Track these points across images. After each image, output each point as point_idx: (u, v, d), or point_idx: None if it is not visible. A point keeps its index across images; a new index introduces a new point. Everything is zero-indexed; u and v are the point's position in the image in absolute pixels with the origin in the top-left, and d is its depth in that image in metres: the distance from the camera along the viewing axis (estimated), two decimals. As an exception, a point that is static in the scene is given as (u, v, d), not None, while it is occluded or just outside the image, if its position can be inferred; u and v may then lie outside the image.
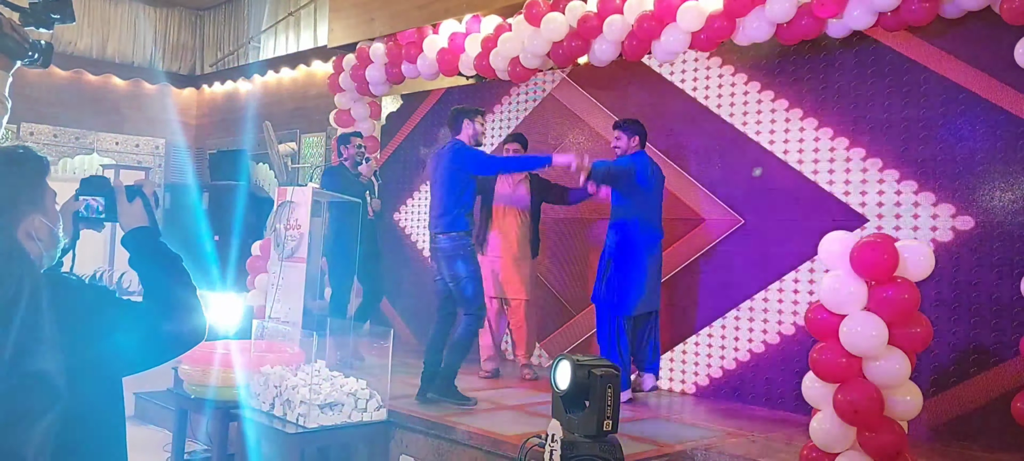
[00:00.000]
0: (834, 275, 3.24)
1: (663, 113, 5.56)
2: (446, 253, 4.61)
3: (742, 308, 5.15)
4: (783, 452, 3.85)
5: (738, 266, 5.18)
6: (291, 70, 9.29)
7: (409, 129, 7.39)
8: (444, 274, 4.67)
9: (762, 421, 4.62)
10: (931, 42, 4.45)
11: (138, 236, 1.78)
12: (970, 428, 4.21)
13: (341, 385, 4.09)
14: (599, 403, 3.13)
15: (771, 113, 5.08)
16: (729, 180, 5.27)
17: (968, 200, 4.32)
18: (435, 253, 4.71)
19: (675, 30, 4.70)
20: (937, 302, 4.32)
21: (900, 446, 3.15)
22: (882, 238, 3.22)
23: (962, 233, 4.33)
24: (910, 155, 4.52)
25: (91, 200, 1.78)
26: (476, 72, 5.95)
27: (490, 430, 4.03)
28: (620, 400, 3.06)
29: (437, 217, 4.67)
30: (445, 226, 4.62)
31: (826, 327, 3.22)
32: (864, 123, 4.70)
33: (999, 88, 4.23)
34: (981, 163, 4.30)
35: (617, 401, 3.08)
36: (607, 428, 3.13)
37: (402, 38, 6.35)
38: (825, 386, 3.23)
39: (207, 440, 5.24)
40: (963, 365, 4.26)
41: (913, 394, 3.17)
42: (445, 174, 4.66)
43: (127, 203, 1.79)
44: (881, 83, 4.64)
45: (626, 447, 3.50)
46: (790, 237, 4.93)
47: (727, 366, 5.20)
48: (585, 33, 5.07)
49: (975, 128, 4.33)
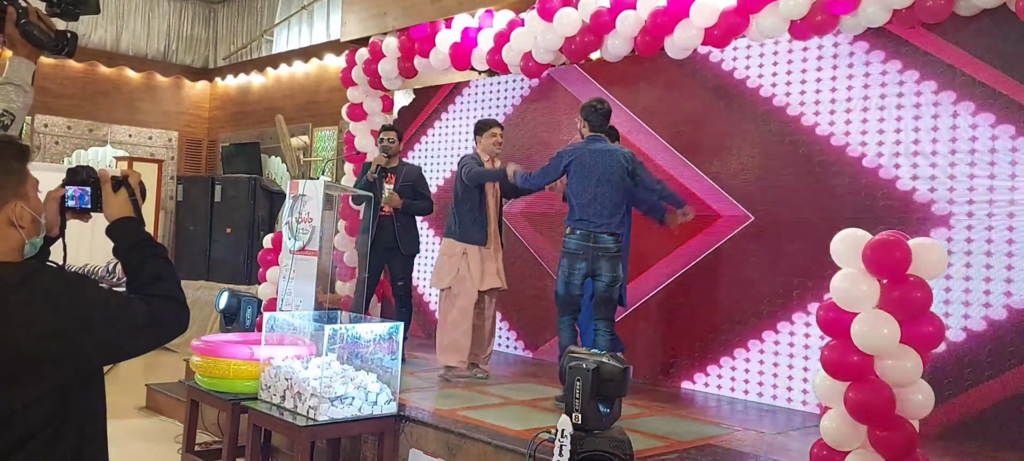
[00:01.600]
0: (846, 273, 3.22)
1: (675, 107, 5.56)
2: (612, 253, 4.59)
3: (754, 306, 5.14)
4: (794, 449, 3.84)
5: (752, 262, 5.17)
6: (304, 64, 9.32)
7: (420, 123, 7.40)
8: (603, 274, 4.59)
9: (772, 417, 4.62)
10: (946, 38, 4.42)
11: (122, 226, 1.79)
12: (982, 428, 4.19)
13: (351, 378, 4.10)
14: (568, 395, 3.16)
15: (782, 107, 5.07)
16: (741, 175, 5.25)
17: (980, 197, 4.29)
18: (594, 252, 4.58)
19: (688, 26, 4.68)
20: (948, 301, 4.30)
21: (911, 445, 3.13)
22: (895, 236, 3.20)
23: (975, 230, 4.30)
24: (919, 150, 4.49)
25: (76, 190, 1.80)
26: (488, 67, 5.95)
27: (500, 425, 4.04)
28: (589, 393, 3.07)
29: (607, 216, 4.59)
30: (615, 226, 4.62)
31: (837, 325, 3.21)
32: (878, 117, 4.67)
33: (1011, 84, 4.20)
34: (990, 160, 4.27)
35: (586, 394, 3.08)
36: (577, 421, 3.14)
37: (415, 32, 6.35)
38: (836, 384, 3.21)
39: (218, 432, 5.28)
40: (977, 366, 4.23)
41: (924, 393, 3.15)
42: (617, 175, 4.62)
43: (112, 193, 1.80)
44: (895, 77, 4.62)
45: (635, 442, 3.51)
46: (801, 234, 4.91)
47: (744, 363, 5.20)
48: (598, 28, 5.06)
49: (988, 123, 4.29)
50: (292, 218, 5.41)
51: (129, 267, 1.74)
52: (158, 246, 1.79)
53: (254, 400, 4.23)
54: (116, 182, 1.81)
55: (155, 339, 1.69)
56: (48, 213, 1.75)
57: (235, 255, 9.06)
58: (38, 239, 1.71)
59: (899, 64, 4.63)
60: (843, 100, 4.84)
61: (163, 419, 6.11)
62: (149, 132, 10.69)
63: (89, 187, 1.80)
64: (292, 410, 4.00)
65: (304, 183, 5.44)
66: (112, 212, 1.79)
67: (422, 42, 6.31)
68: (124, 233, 1.78)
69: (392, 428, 4.12)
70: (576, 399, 3.11)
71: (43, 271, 1.62)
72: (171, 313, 1.71)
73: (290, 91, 9.61)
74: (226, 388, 4.33)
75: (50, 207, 1.76)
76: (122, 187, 1.81)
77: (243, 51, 10.52)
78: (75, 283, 1.61)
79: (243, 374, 4.31)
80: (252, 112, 10.27)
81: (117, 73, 10.36)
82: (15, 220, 1.62)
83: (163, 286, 1.72)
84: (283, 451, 4.85)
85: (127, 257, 1.75)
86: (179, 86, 10.90)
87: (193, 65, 10.98)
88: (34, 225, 1.68)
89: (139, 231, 1.79)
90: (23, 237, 1.64)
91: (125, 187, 1.81)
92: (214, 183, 9.48)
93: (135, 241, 1.77)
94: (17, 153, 1.67)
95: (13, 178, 1.64)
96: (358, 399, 4.01)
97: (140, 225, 1.80)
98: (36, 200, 1.70)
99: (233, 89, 10.70)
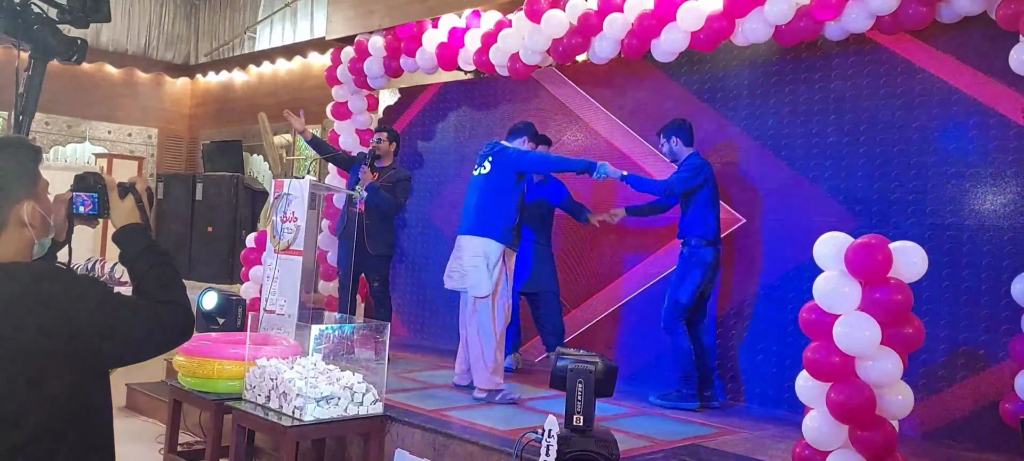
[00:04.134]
0: (828, 275, 3.27)
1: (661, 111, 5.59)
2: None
3: (733, 308, 5.19)
4: (776, 449, 3.89)
5: (737, 264, 5.22)
6: (287, 61, 9.28)
7: (406, 123, 7.39)
8: (716, 283, 4.92)
9: (755, 419, 4.67)
10: (928, 44, 4.50)
11: (129, 233, 1.80)
12: (959, 428, 4.26)
13: (337, 378, 4.10)
14: (570, 398, 3.18)
15: (771, 113, 5.12)
16: (727, 178, 5.30)
17: (960, 203, 4.37)
18: (704, 263, 4.78)
19: (675, 30, 4.73)
20: (929, 304, 4.37)
21: (891, 445, 3.19)
22: (876, 239, 3.25)
23: (954, 235, 4.37)
24: (905, 157, 4.57)
25: (83, 196, 1.82)
26: (475, 67, 5.96)
27: (487, 425, 4.05)
28: (592, 393, 3.15)
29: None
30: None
31: (820, 327, 3.26)
32: (860, 124, 4.74)
33: (991, 91, 4.28)
34: (973, 165, 4.35)
35: (589, 397, 3.12)
36: (578, 423, 3.17)
37: (401, 31, 6.35)
38: (818, 385, 3.26)
39: (200, 432, 5.24)
40: (953, 367, 4.31)
41: (904, 394, 3.21)
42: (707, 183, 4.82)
43: (119, 200, 1.82)
44: (877, 85, 4.69)
45: (621, 443, 3.54)
46: (787, 237, 4.97)
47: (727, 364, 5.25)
48: (585, 30, 5.09)
49: (968, 130, 4.37)
50: (276, 217, 5.39)
51: (136, 273, 1.75)
52: (164, 253, 1.81)
53: (238, 400, 4.21)
54: (123, 189, 1.82)
55: (163, 345, 1.71)
56: (56, 217, 1.75)
57: (217, 254, 9.00)
58: (47, 240, 1.73)
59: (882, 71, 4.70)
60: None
61: (144, 419, 6.06)
62: (129, 129, 10.58)
63: (96, 194, 1.82)
64: (277, 410, 3.99)
65: (289, 182, 5.42)
66: (119, 218, 1.81)
67: (408, 41, 6.31)
68: (131, 240, 1.79)
69: (378, 428, 4.12)
70: (578, 400, 3.14)
71: (55, 272, 1.63)
72: (178, 320, 1.73)
73: (273, 89, 9.56)
74: (210, 388, 4.30)
75: (58, 211, 1.77)
76: (129, 194, 1.82)
77: (225, 48, 10.45)
78: (87, 286, 1.62)
79: (227, 374, 4.29)
80: (234, 110, 10.20)
81: (97, 69, 10.24)
82: (27, 220, 1.63)
83: (171, 292, 1.74)
84: (267, 452, 4.83)
85: (134, 263, 1.76)
86: (160, 83, 10.80)
87: (174, 61, 10.88)
88: (44, 226, 1.70)
89: (145, 238, 1.80)
90: (33, 237, 1.65)
91: (132, 194, 1.82)
92: (196, 181, 9.41)
93: (141, 248, 1.78)
94: (31, 154, 1.69)
95: (27, 178, 1.66)
96: (344, 399, 4.01)
97: (145, 231, 1.81)
98: (47, 201, 1.72)
99: (215, 86, 10.63)
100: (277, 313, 5.26)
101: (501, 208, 4.74)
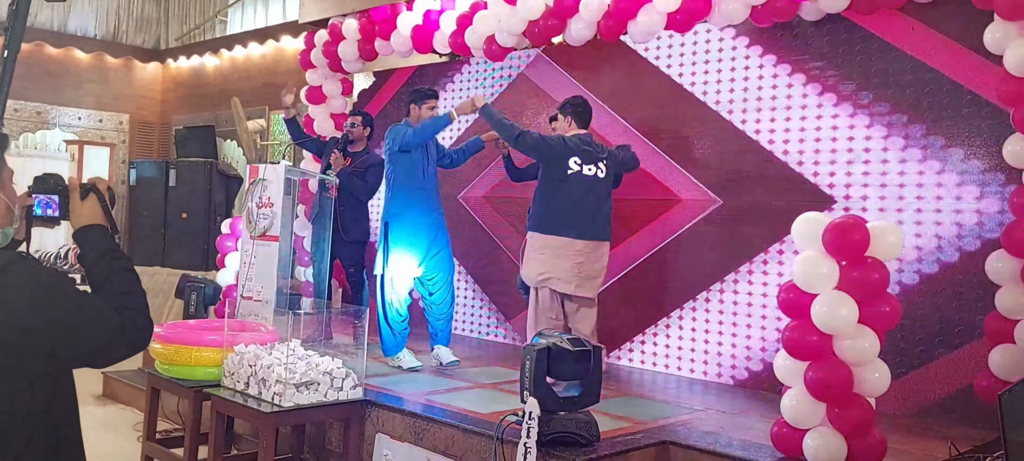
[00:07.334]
0: (806, 255, 3.30)
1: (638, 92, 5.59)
2: None
3: (712, 289, 5.22)
4: (755, 428, 3.92)
5: (713, 245, 5.25)
6: (260, 45, 9.14)
7: (381, 106, 7.33)
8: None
9: (732, 398, 4.71)
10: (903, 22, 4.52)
11: (91, 234, 1.76)
12: (936, 405, 4.33)
13: (317, 364, 4.07)
14: (520, 375, 3.36)
15: (744, 92, 5.14)
16: (704, 160, 5.32)
17: (934, 181, 4.41)
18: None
19: (651, 10, 4.71)
20: (905, 282, 4.42)
21: (868, 422, 3.23)
22: (854, 219, 3.28)
23: (929, 214, 4.42)
24: (879, 135, 4.60)
25: (45, 199, 1.78)
26: (450, 50, 5.91)
27: (467, 408, 4.05)
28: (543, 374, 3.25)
29: None
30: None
31: (798, 306, 3.28)
32: (837, 102, 4.77)
33: (967, 70, 4.32)
34: (948, 144, 4.39)
35: (536, 373, 3.22)
36: (524, 400, 3.27)
37: (375, 14, 6.28)
38: (796, 363, 3.29)
39: (178, 419, 5.20)
40: (930, 345, 4.37)
41: (881, 372, 3.25)
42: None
43: (79, 201, 1.78)
44: (853, 62, 4.71)
45: (602, 424, 3.55)
46: (762, 218, 5.00)
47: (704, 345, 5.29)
48: (561, 12, 5.06)
49: (944, 109, 4.41)
50: (252, 203, 5.33)
51: (95, 277, 1.71)
52: (125, 258, 1.77)
53: (217, 387, 4.18)
54: (84, 189, 1.78)
55: (123, 351, 1.68)
56: (21, 209, 1.72)
57: (192, 241, 8.89)
58: (10, 230, 1.68)
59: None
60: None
61: (121, 407, 6.00)
62: (99, 115, 10.39)
63: (57, 196, 1.78)
64: (256, 397, 3.96)
65: (264, 168, 5.35)
66: (80, 219, 1.77)
67: (383, 24, 6.24)
68: (92, 242, 1.75)
69: (358, 413, 4.11)
70: (526, 376, 3.32)
71: (20, 262, 1.59)
72: (139, 328, 1.70)
73: (247, 73, 9.42)
74: (188, 375, 4.27)
75: (23, 203, 1.73)
76: (90, 194, 1.78)
77: (196, 32, 10.28)
78: (53, 280, 1.59)
79: (205, 361, 4.26)
80: (206, 95, 10.05)
81: (65, 54, 10.03)
82: None
83: (130, 300, 1.70)
84: (246, 438, 4.80)
85: (94, 266, 1.72)
86: (130, 67, 10.61)
87: (144, 46, 10.68)
88: (8, 214, 1.65)
89: (108, 241, 1.76)
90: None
91: (94, 193, 1.78)
92: (169, 167, 9.28)
93: (103, 251, 1.74)
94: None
95: None
96: (323, 385, 3.98)
97: (107, 233, 1.77)
98: (11, 189, 1.68)
99: (186, 71, 10.46)
100: (254, 299, 5.21)
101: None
